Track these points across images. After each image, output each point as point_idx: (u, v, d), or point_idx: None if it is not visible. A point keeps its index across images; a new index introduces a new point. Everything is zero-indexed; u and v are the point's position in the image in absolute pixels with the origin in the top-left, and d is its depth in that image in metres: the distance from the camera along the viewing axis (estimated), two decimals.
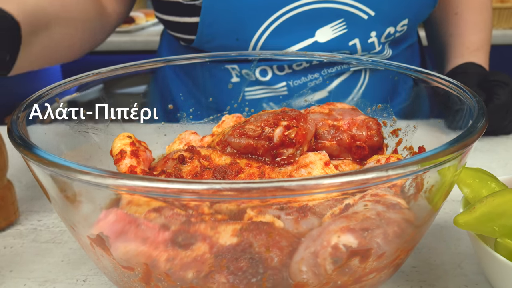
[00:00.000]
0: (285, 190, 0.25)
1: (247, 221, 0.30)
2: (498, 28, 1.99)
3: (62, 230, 0.51)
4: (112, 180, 0.26)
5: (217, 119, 0.59)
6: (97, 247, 0.32)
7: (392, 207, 0.31)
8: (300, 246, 0.31)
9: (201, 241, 0.29)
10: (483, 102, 0.38)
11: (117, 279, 0.34)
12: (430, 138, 0.47)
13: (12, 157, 0.55)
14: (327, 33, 0.70)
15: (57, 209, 0.35)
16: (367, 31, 0.72)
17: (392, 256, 0.32)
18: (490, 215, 0.36)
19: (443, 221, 0.51)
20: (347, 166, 0.45)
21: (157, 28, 2.46)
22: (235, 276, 0.30)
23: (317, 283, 0.31)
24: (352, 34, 0.71)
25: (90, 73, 0.48)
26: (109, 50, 2.14)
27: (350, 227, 0.30)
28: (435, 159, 0.28)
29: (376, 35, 0.72)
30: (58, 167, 0.28)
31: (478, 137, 0.32)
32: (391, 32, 0.73)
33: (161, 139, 0.56)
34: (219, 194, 0.25)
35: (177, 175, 0.41)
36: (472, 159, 0.66)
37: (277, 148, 0.41)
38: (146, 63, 0.53)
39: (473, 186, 0.41)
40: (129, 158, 0.42)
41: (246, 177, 0.40)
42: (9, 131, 0.34)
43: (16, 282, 0.43)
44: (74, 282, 0.43)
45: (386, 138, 0.51)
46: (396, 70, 0.50)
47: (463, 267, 0.44)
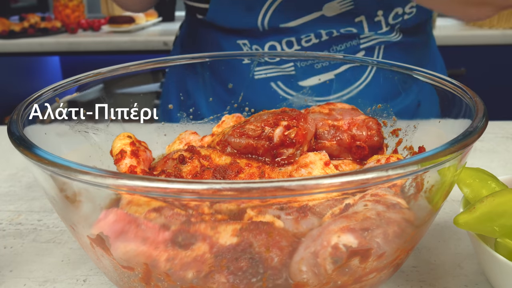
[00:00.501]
0: (285, 190, 0.25)
1: (247, 221, 0.30)
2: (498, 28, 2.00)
3: (62, 230, 0.51)
4: (112, 180, 0.26)
5: (217, 119, 0.59)
6: (97, 247, 0.32)
7: (392, 207, 0.31)
8: (300, 246, 0.31)
9: (201, 241, 0.29)
10: (483, 102, 0.38)
11: (117, 279, 0.34)
12: (430, 138, 0.47)
13: (12, 156, 0.55)
14: (334, 8, 0.71)
15: (57, 209, 0.35)
16: (374, 9, 0.72)
17: (392, 256, 0.32)
18: (490, 215, 0.36)
19: (443, 221, 0.51)
20: (347, 166, 0.45)
21: (157, 28, 2.46)
22: (235, 276, 0.30)
23: (317, 283, 0.31)
24: (358, 10, 0.71)
25: (90, 73, 0.48)
26: (109, 50, 2.14)
27: (350, 227, 0.30)
28: (435, 159, 0.28)
29: (383, 14, 0.72)
30: (58, 167, 0.28)
31: (478, 137, 0.32)
32: (399, 12, 0.73)
33: (161, 139, 0.56)
34: (219, 194, 0.25)
35: (177, 175, 0.41)
36: (472, 159, 0.66)
37: (277, 148, 0.41)
38: (146, 63, 0.53)
39: (473, 186, 0.41)
40: (129, 158, 0.42)
41: (246, 177, 0.40)
42: (9, 131, 0.34)
43: (16, 282, 0.43)
44: (74, 282, 0.43)
45: (386, 138, 0.51)
46: (401, 71, 0.50)
47: (463, 267, 0.44)
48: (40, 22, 2.30)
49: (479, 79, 1.98)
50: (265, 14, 0.72)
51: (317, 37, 0.73)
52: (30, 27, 2.23)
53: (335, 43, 0.74)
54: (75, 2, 2.51)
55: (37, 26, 2.25)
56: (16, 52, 2.16)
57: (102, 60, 1.74)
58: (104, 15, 2.63)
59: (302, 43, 0.73)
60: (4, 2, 2.91)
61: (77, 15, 2.50)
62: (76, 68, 1.45)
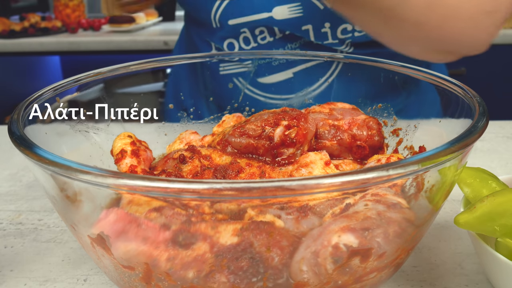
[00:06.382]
0: (285, 190, 0.25)
1: (248, 220, 0.30)
2: None
3: (63, 230, 0.52)
4: (112, 180, 0.26)
5: (217, 119, 0.59)
6: (97, 247, 0.32)
7: (392, 206, 0.31)
8: (301, 246, 0.31)
9: (201, 240, 0.29)
10: (483, 102, 0.38)
11: (118, 278, 0.34)
12: (431, 137, 0.47)
13: (12, 156, 0.55)
14: (283, 12, 0.72)
15: (57, 209, 0.35)
16: (321, 21, 0.73)
17: (392, 255, 0.32)
18: (490, 215, 0.36)
19: (444, 221, 0.51)
20: (347, 165, 0.45)
21: (157, 28, 2.46)
22: (235, 276, 0.30)
23: (318, 282, 0.31)
24: (306, 19, 0.72)
25: (90, 73, 0.48)
26: (109, 49, 2.14)
27: (350, 226, 0.30)
28: (435, 159, 0.28)
29: (330, 27, 0.73)
30: (59, 166, 0.28)
31: (479, 136, 0.32)
32: (348, 29, 0.73)
33: (161, 138, 0.56)
34: (220, 194, 0.25)
35: (177, 175, 0.41)
36: (473, 158, 0.66)
37: (277, 147, 0.41)
38: (146, 63, 0.53)
39: (473, 186, 0.41)
40: (129, 158, 0.42)
41: (247, 177, 0.40)
42: (10, 131, 0.34)
43: (16, 281, 0.43)
44: (74, 282, 0.43)
45: (387, 137, 0.51)
46: (401, 71, 0.50)
47: (464, 267, 0.44)
48: (41, 21, 2.30)
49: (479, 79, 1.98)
50: (218, 7, 0.73)
51: (271, 34, 0.74)
52: (31, 26, 2.23)
53: (290, 41, 0.74)
54: (76, 2, 2.52)
55: (38, 25, 2.26)
56: (17, 51, 2.16)
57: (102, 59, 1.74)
58: (104, 14, 2.63)
59: (258, 40, 0.74)
60: (4, 1, 2.91)
61: (77, 14, 2.50)
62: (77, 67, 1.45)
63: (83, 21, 2.39)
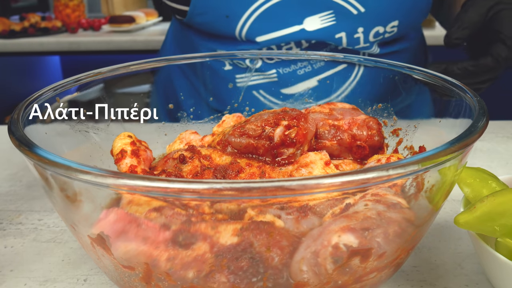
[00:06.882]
0: (285, 190, 0.25)
1: (248, 220, 0.30)
2: None
3: (63, 230, 0.52)
4: (112, 180, 0.26)
5: (217, 119, 0.59)
6: (97, 247, 0.32)
7: (392, 206, 0.31)
8: (301, 246, 0.31)
9: (201, 240, 0.29)
10: (483, 102, 0.38)
11: (118, 278, 0.34)
12: (431, 137, 0.47)
13: (12, 156, 0.55)
14: (315, 23, 0.71)
15: (57, 209, 0.35)
16: (355, 27, 0.72)
17: (392, 255, 0.32)
18: (490, 215, 0.36)
19: (444, 221, 0.51)
20: (347, 165, 0.45)
21: (157, 28, 2.46)
22: (235, 276, 0.30)
23: (318, 282, 0.31)
24: (339, 27, 0.71)
25: (90, 73, 0.48)
26: (109, 50, 2.14)
27: (350, 226, 0.30)
28: (435, 159, 0.28)
29: (363, 31, 0.72)
30: (59, 166, 0.28)
31: (479, 136, 0.32)
32: (380, 31, 0.73)
33: (161, 138, 0.56)
34: (220, 194, 0.25)
35: (177, 175, 0.41)
36: (473, 158, 0.66)
37: (277, 147, 0.41)
38: (146, 63, 0.53)
39: (473, 186, 0.41)
40: (129, 158, 0.42)
41: (247, 177, 0.40)
42: (10, 131, 0.34)
43: (16, 281, 0.43)
44: (74, 282, 0.43)
45: (387, 137, 0.51)
46: (396, 69, 0.50)
47: (464, 267, 0.44)
48: (41, 21, 2.30)
49: None
50: (244, 23, 0.71)
51: (297, 45, 0.73)
52: (31, 26, 2.23)
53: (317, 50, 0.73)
54: (76, 2, 2.51)
55: (38, 25, 2.26)
56: (17, 51, 2.16)
57: (102, 59, 1.74)
58: (104, 14, 2.64)
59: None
60: (4, 1, 2.92)
61: (77, 14, 2.50)
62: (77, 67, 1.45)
63: (83, 21, 2.39)
